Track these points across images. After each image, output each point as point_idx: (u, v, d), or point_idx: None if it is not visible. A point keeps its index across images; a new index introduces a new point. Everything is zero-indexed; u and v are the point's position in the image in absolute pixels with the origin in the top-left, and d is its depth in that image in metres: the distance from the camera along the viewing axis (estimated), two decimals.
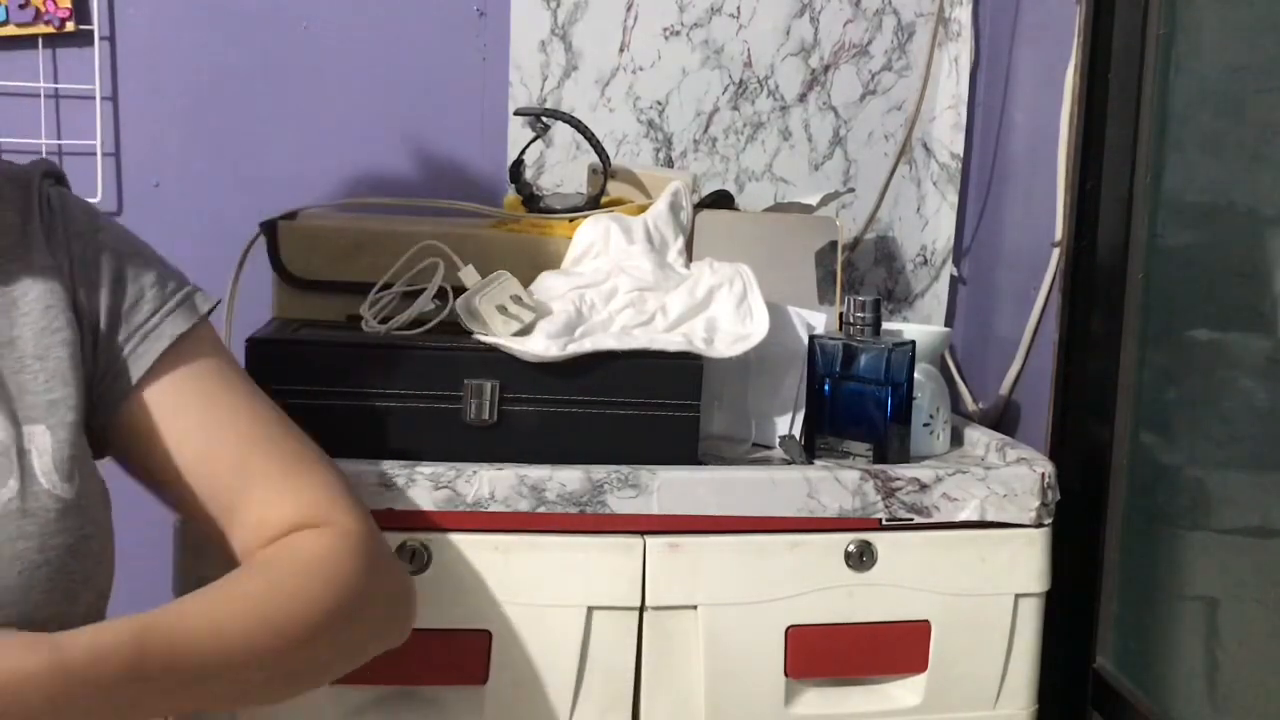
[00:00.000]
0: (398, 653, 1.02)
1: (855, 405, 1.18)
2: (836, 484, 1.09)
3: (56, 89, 1.44)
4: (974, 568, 1.12)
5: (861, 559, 1.09)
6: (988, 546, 1.12)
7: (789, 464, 1.17)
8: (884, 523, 1.10)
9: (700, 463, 1.12)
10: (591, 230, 1.26)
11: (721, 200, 1.46)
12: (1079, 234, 1.27)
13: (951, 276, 1.60)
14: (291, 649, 0.78)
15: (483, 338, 1.11)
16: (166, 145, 1.47)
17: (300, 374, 1.06)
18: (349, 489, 0.91)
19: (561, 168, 1.53)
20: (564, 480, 1.05)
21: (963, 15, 1.56)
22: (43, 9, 1.41)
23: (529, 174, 1.46)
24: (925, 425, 1.25)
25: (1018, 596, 1.13)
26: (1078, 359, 1.28)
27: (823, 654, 1.10)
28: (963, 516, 1.11)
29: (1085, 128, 1.26)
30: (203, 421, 0.87)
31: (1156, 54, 1.23)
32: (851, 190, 1.58)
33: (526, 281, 1.21)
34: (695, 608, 1.07)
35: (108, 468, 1.53)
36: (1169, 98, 1.22)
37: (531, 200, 1.37)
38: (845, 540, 1.09)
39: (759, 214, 1.48)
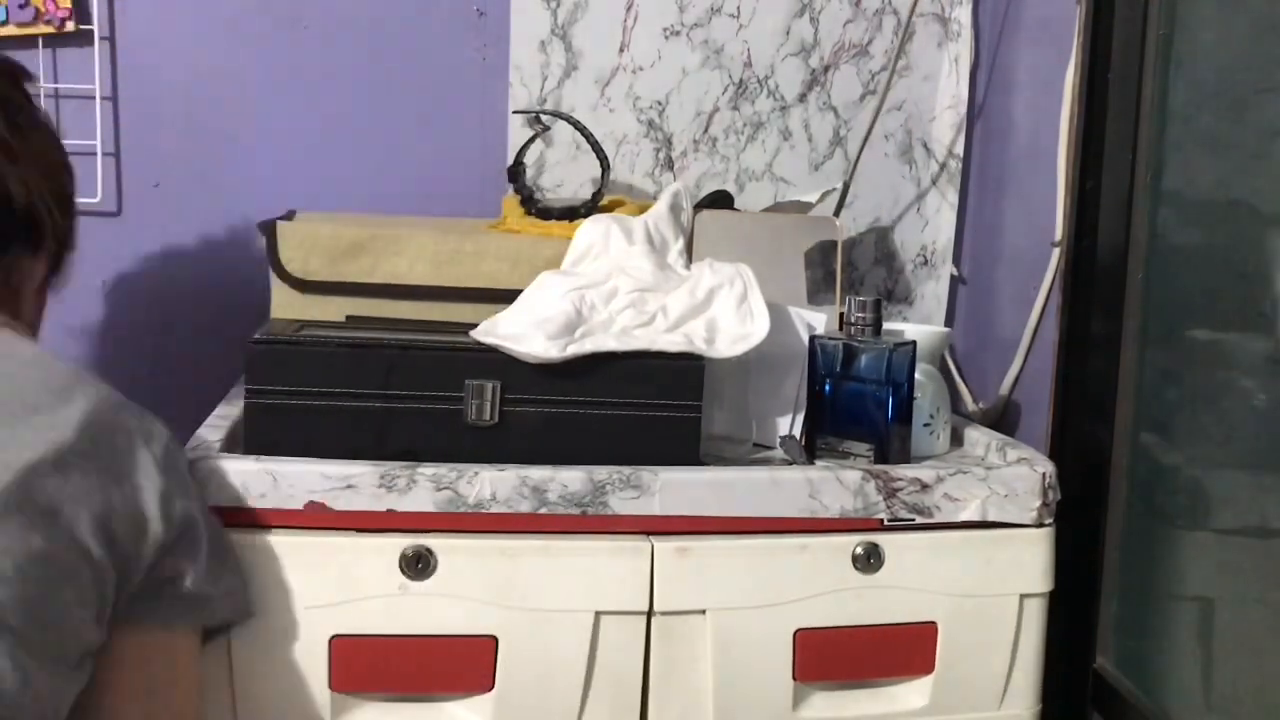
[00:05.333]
0: (404, 660, 1.02)
1: (856, 405, 1.18)
2: (838, 484, 1.09)
3: (56, 89, 1.44)
4: (979, 568, 1.12)
5: (869, 561, 1.09)
6: (992, 547, 1.12)
7: (790, 464, 1.17)
8: (885, 523, 1.10)
9: (702, 463, 1.12)
10: (591, 231, 1.26)
11: (721, 200, 1.46)
12: (1079, 234, 1.27)
13: (951, 276, 1.60)
14: None
15: (482, 338, 1.11)
16: (166, 145, 1.47)
17: (300, 374, 1.06)
18: None
19: (561, 168, 1.53)
20: (565, 481, 1.05)
21: (963, 15, 1.56)
22: (43, 9, 1.40)
23: (529, 174, 1.46)
24: (926, 425, 1.25)
25: (1022, 597, 1.13)
26: (1078, 359, 1.28)
27: (831, 657, 1.10)
28: (964, 517, 1.12)
29: (1085, 128, 1.26)
30: None
31: (1156, 54, 1.23)
32: (846, 186, 1.58)
33: (524, 284, 1.22)
34: (704, 612, 1.07)
35: None
36: (1169, 98, 1.22)
37: (530, 201, 1.37)
38: (852, 543, 1.09)
39: (759, 214, 1.48)
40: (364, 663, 1.02)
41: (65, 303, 1.47)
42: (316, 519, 1.02)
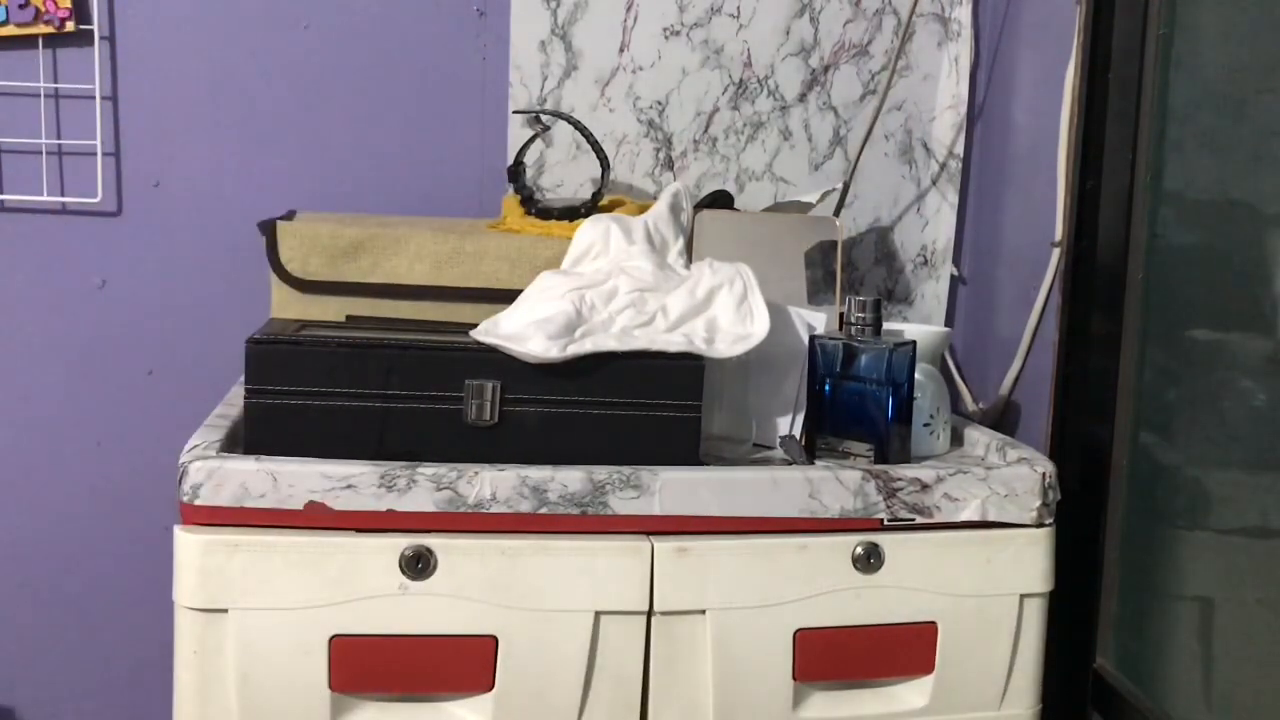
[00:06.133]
0: (404, 660, 1.02)
1: (856, 405, 1.18)
2: (838, 484, 1.09)
3: (56, 89, 1.44)
4: (979, 568, 1.12)
5: (869, 561, 1.09)
6: (992, 547, 1.12)
7: (790, 464, 1.17)
8: (885, 523, 1.10)
9: (701, 463, 1.12)
10: (591, 231, 1.26)
11: (721, 200, 1.46)
12: (1079, 234, 1.27)
13: (951, 276, 1.60)
14: None
15: (482, 338, 1.11)
16: (166, 145, 1.47)
17: (300, 374, 1.06)
18: None
19: (561, 168, 1.53)
20: (565, 481, 1.05)
21: (963, 15, 1.56)
22: (43, 9, 1.40)
23: (529, 174, 1.46)
24: (925, 425, 1.25)
25: (1022, 597, 1.13)
26: (1078, 359, 1.28)
27: (831, 657, 1.10)
28: (964, 516, 1.12)
29: (1085, 128, 1.26)
30: None
31: (1156, 54, 1.23)
32: (846, 186, 1.58)
33: (524, 284, 1.22)
34: (704, 612, 1.07)
35: (101, 454, 1.53)
36: (1169, 98, 1.22)
37: (530, 201, 1.37)
38: (852, 542, 1.09)
39: (759, 214, 1.48)
40: (364, 663, 1.02)
41: (65, 302, 1.48)
42: (316, 519, 1.02)
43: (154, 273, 1.49)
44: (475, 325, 1.14)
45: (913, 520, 1.11)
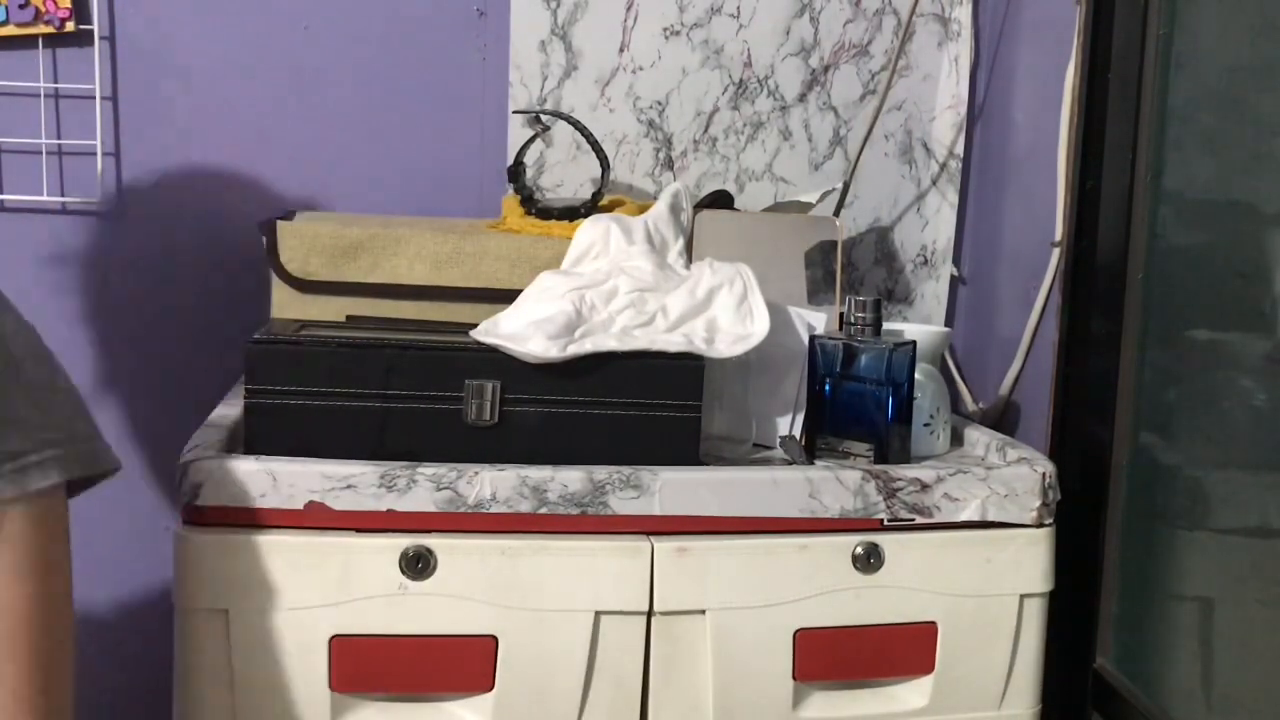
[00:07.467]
0: (404, 660, 1.02)
1: (856, 405, 1.18)
2: (838, 484, 1.09)
3: (56, 89, 1.44)
4: (979, 568, 1.12)
5: (869, 561, 1.09)
6: (992, 547, 1.12)
7: (790, 464, 1.17)
8: (885, 523, 1.10)
9: (701, 463, 1.12)
10: (591, 231, 1.26)
11: (721, 200, 1.46)
12: (1079, 234, 1.27)
13: (951, 276, 1.60)
14: None
15: (482, 338, 1.11)
16: (166, 145, 1.47)
17: (300, 374, 1.06)
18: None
19: (561, 168, 1.53)
20: (565, 481, 1.05)
21: (963, 15, 1.56)
22: (43, 9, 1.40)
23: (529, 174, 1.46)
24: (925, 425, 1.25)
25: (1023, 597, 1.13)
26: (1078, 359, 1.28)
27: (831, 657, 1.10)
28: (964, 517, 1.12)
29: (1085, 128, 1.26)
30: None
31: (1156, 54, 1.23)
32: (846, 186, 1.58)
33: (524, 284, 1.22)
34: (704, 612, 1.07)
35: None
36: (1169, 98, 1.22)
37: (530, 201, 1.37)
38: (852, 542, 1.09)
39: (759, 214, 1.48)
40: (364, 663, 1.02)
41: (65, 302, 1.48)
42: (316, 519, 1.02)
43: (154, 273, 1.49)
44: (475, 325, 1.14)
45: (913, 520, 1.11)
